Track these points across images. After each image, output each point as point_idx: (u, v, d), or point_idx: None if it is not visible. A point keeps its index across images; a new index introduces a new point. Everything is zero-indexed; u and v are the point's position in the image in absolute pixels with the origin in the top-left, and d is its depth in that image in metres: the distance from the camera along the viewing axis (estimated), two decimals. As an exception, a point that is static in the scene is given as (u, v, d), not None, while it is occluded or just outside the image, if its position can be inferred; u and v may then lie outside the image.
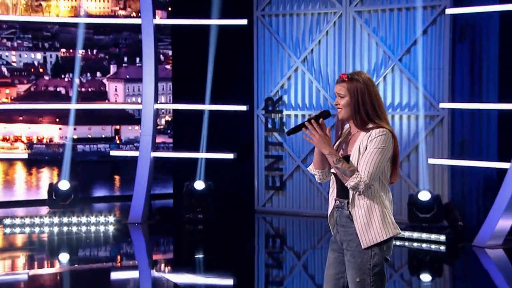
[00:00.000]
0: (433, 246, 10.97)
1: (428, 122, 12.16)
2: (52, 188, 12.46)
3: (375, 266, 4.85)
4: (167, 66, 21.42)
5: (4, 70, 23.57)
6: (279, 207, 13.22)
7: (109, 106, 15.02)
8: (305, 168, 12.96)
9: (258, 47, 13.21)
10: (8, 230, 11.75)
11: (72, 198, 12.35)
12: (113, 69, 23.92)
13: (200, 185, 12.35)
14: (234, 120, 12.86)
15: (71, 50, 24.06)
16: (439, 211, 11.39)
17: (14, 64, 23.88)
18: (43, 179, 19.68)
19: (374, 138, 4.79)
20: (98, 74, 23.84)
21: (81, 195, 13.04)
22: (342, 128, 5.03)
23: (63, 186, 12.35)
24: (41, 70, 24.19)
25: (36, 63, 23.94)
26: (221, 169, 12.71)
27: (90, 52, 24.32)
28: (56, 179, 19.83)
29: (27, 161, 19.62)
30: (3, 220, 11.96)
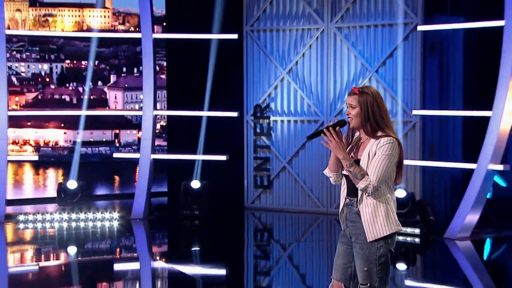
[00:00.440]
0: (408, 239, 10.96)
1: (402, 127, 12.13)
2: (61, 187, 12.45)
3: (381, 257, 4.95)
4: (162, 76, 21.45)
5: (14, 79, 23.54)
6: (267, 204, 13.21)
7: (112, 113, 15.01)
8: (290, 168, 13.02)
9: (247, 59, 13.19)
10: (21, 225, 11.69)
11: (79, 196, 12.34)
12: (113, 78, 23.90)
13: (196, 184, 12.36)
14: (226, 125, 12.80)
15: (75, 62, 23.99)
16: (413, 207, 11.35)
17: (23, 74, 23.85)
18: (50, 179, 19.64)
19: (383, 146, 4.86)
20: (99, 83, 23.75)
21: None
22: (353, 135, 5.08)
23: (71, 185, 12.35)
24: (47, 80, 24.13)
25: (43, 73, 23.86)
26: (215, 169, 12.61)
27: (92, 63, 24.43)
28: (61, 179, 19.85)
29: (35, 162, 19.59)
30: (17, 216, 11.90)
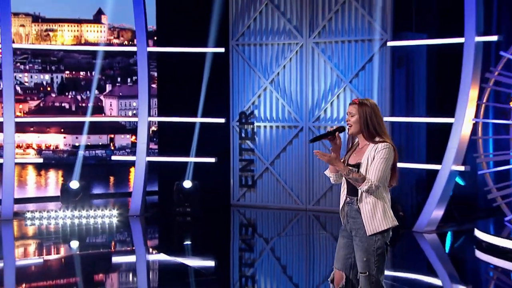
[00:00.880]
0: None
1: None
2: (64, 187, 12.46)
3: (378, 248, 5.06)
4: (153, 85, 21.47)
5: (18, 88, 23.43)
6: (251, 202, 13.24)
7: (109, 119, 14.92)
8: (272, 169, 13.05)
9: (233, 70, 13.19)
10: (29, 222, 11.64)
11: (81, 195, 12.32)
12: (108, 87, 23.82)
13: (188, 184, 12.36)
14: (214, 130, 12.80)
15: (74, 72, 23.97)
16: None
17: (26, 83, 23.74)
18: (51, 180, 19.58)
19: (381, 150, 4.99)
20: (96, 92, 23.76)
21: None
22: (353, 141, 5.21)
23: (74, 185, 12.35)
24: (48, 89, 24.06)
25: (44, 83, 23.79)
26: (205, 170, 12.60)
27: (89, 73, 24.28)
28: (61, 180, 19.77)
29: (37, 164, 19.50)
30: (25, 214, 11.84)
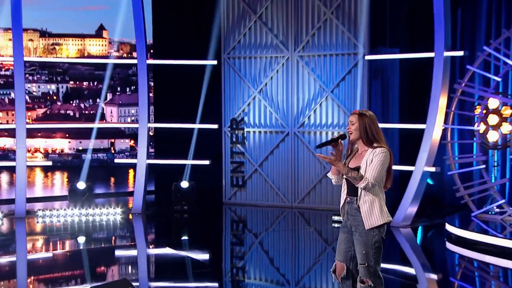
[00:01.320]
0: None
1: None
2: (72, 187, 12.42)
3: (376, 242, 5.20)
4: (150, 94, 21.54)
5: (27, 97, 23.38)
6: (241, 200, 13.22)
7: (112, 125, 14.79)
8: (261, 171, 13.05)
9: (225, 81, 13.16)
10: (40, 219, 11.62)
11: (87, 194, 12.31)
12: (109, 96, 23.79)
13: (185, 184, 12.38)
14: (208, 135, 12.82)
15: (78, 82, 23.90)
16: None
17: (34, 93, 23.63)
18: (57, 181, 19.56)
19: (378, 154, 5.18)
20: (98, 100, 23.66)
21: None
22: (352, 147, 5.38)
23: (81, 186, 12.34)
24: (54, 98, 23.95)
25: (51, 92, 23.72)
26: (199, 172, 12.63)
27: (92, 83, 24.20)
28: (66, 181, 19.74)
29: (44, 166, 19.43)
30: (36, 212, 11.82)
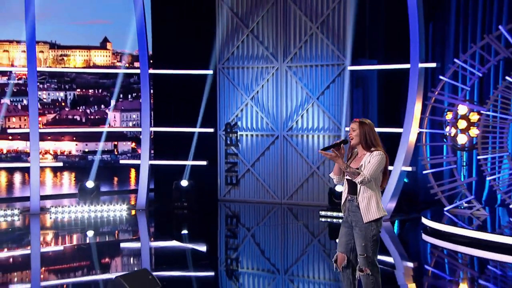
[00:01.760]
0: None
1: (336, 139, 11.90)
2: (81, 186, 12.37)
3: (374, 236, 5.34)
4: (151, 101, 21.51)
5: (38, 104, 23.32)
6: (235, 197, 13.18)
7: (116, 130, 14.65)
8: (253, 170, 13.01)
9: (220, 89, 13.13)
10: (53, 215, 11.60)
11: (95, 192, 12.27)
12: (112, 103, 23.70)
13: (185, 183, 12.38)
14: (204, 138, 12.81)
15: (84, 90, 23.81)
16: None
17: (44, 100, 23.51)
18: (65, 180, 19.51)
19: (375, 156, 5.30)
20: (102, 106, 23.55)
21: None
22: (353, 151, 5.50)
23: (89, 185, 12.30)
24: (63, 104, 23.84)
25: (59, 99, 23.61)
26: (198, 171, 12.63)
27: (97, 91, 24.10)
28: (74, 180, 19.69)
29: (53, 167, 19.39)
30: (50, 208, 11.78)
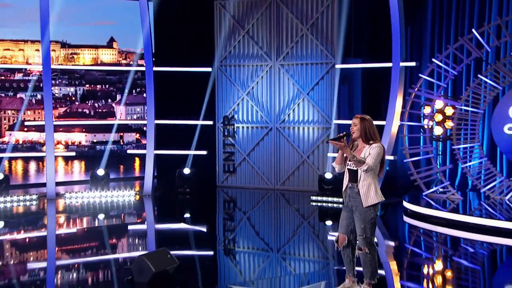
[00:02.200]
0: (334, 205, 11.08)
1: (325, 131, 12.40)
2: (93, 173, 12.35)
3: (372, 219, 5.41)
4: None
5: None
6: (232, 184, 13.23)
7: (122, 122, 14.42)
8: (249, 159, 13.05)
9: (218, 85, 13.13)
10: (67, 200, 11.62)
11: (105, 179, 12.28)
12: (118, 97, 23.57)
13: (187, 171, 12.40)
14: (204, 130, 12.79)
15: (92, 86, 23.70)
16: (336, 184, 11.39)
17: (56, 94, 23.37)
18: (75, 168, 19.51)
19: (374, 148, 5.38)
20: (109, 100, 23.41)
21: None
22: (353, 143, 5.56)
23: (100, 172, 12.30)
24: (73, 98, 23.69)
25: (70, 94, 23.47)
26: (199, 160, 12.64)
27: (104, 87, 23.97)
28: (84, 168, 19.66)
29: (65, 156, 19.31)
30: (64, 194, 11.79)
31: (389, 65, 11.05)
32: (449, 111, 10.74)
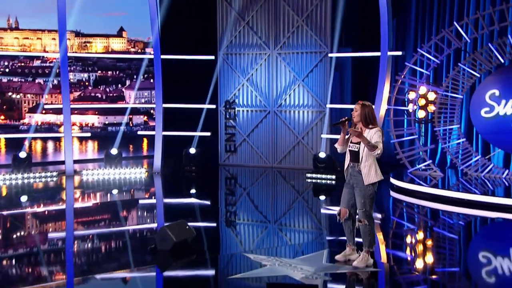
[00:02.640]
0: (328, 182, 11.16)
1: (318, 114, 12.46)
2: (107, 152, 12.36)
3: (371, 194, 5.42)
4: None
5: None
6: (233, 162, 13.26)
7: (132, 106, 14.32)
8: (248, 140, 13.08)
9: (220, 72, 13.11)
10: (84, 177, 11.66)
11: (118, 158, 12.31)
12: (127, 82, 23.52)
13: (193, 150, 12.44)
14: (208, 113, 12.75)
15: (104, 72, 23.60)
16: (329, 163, 11.62)
17: (71, 80, 23.45)
18: (89, 148, 19.58)
19: (376, 132, 5.33)
20: (119, 85, 23.35)
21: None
22: (355, 127, 5.51)
23: (113, 152, 12.31)
24: (87, 84, 23.67)
25: (83, 80, 23.40)
26: (203, 141, 12.68)
27: (115, 73, 23.89)
28: (97, 148, 19.73)
29: (80, 136, 19.34)
30: (81, 171, 11.84)
31: (377, 54, 11.06)
32: (431, 96, 10.75)
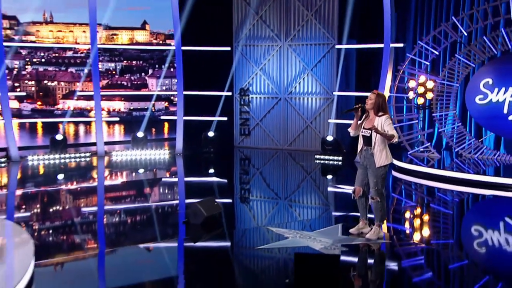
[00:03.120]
0: (334, 162, 11.24)
1: (325, 101, 12.48)
2: (134, 135, 12.41)
3: (383, 174, 5.44)
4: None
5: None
6: (247, 144, 13.30)
7: (155, 93, 14.39)
8: (261, 124, 13.10)
9: (235, 62, 13.09)
10: (114, 158, 11.76)
11: (144, 141, 12.35)
12: (150, 71, 23.59)
13: (211, 134, 12.53)
14: (225, 100, 12.77)
15: (129, 62, 23.71)
16: (336, 145, 11.68)
17: (100, 69, 23.73)
18: (116, 132, 19.75)
19: (387, 119, 5.30)
20: (143, 74, 23.49)
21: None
22: (366, 113, 5.50)
23: (140, 135, 12.37)
24: (113, 72, 23.79)
25: (111, 69, 23.51)
26: (220, 125, 12.77)
27: (139, 62, 24.00)
28: (123, 132, 19.87)
29: (108, 121, 19.51)
30: (111, 152, 11.90)
31: (380, 46, 11.04)
32: (430, 85, 10.74)
